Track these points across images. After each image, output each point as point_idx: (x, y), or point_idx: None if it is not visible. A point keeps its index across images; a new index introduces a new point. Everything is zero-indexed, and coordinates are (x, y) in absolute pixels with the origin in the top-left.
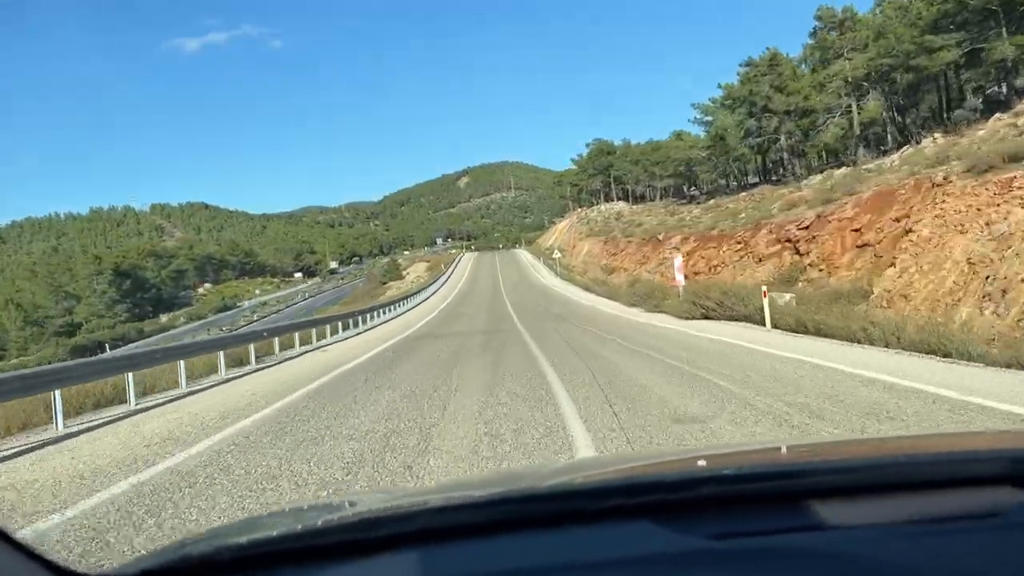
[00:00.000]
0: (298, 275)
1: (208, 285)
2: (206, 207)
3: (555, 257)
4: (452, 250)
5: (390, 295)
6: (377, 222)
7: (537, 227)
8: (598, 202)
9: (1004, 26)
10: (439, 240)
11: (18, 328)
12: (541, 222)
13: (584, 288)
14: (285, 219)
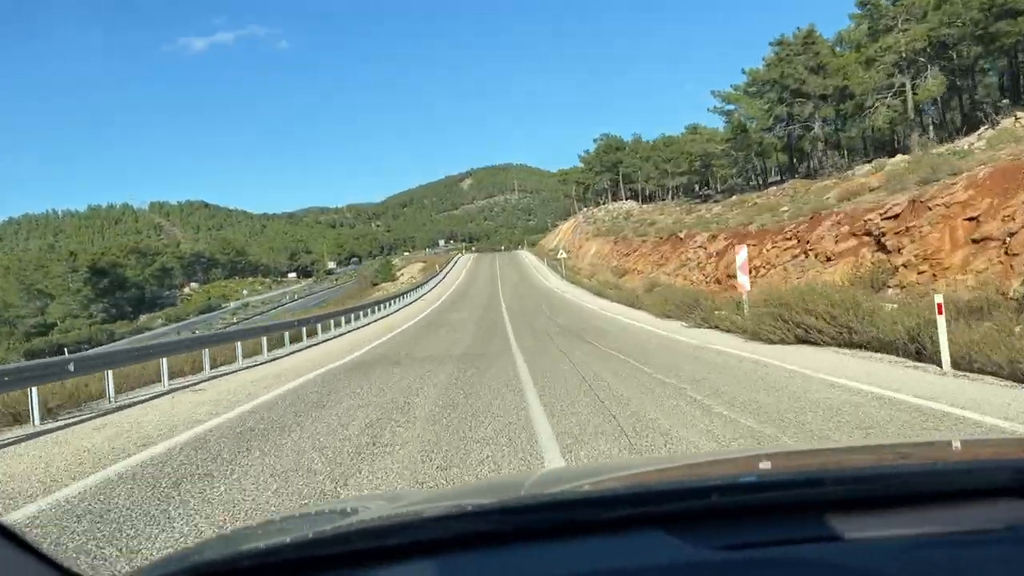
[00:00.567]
0: (292, 275)
1: (194, 285)
2: (206, 206)
3: (560, 257)
4: (453, 252)
5: (375, 297)
6: (379, 223)
7: (540, 230)
8: (605, 201)
9: None
10: (441, 242)
11: None
12: (545, 225)
13: (595, 293)
14: (285, 219)
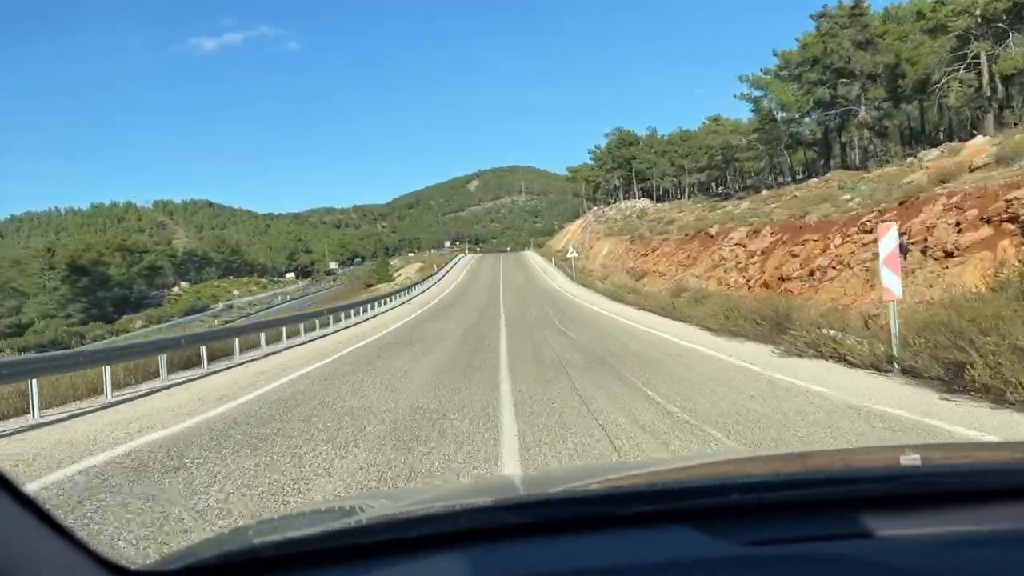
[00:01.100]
0: (290, 275)
1: (184, 284)
2: (210, 205)
3: (570, 256)
4: (456, 253)
5: (354, 300)
6: (384, 224)
7: (547, 232)
8: (616, 200)
9: None
10: (447, 243)
11: None
12: (551, 227)
13: (611, 297)
14: (290, 219)
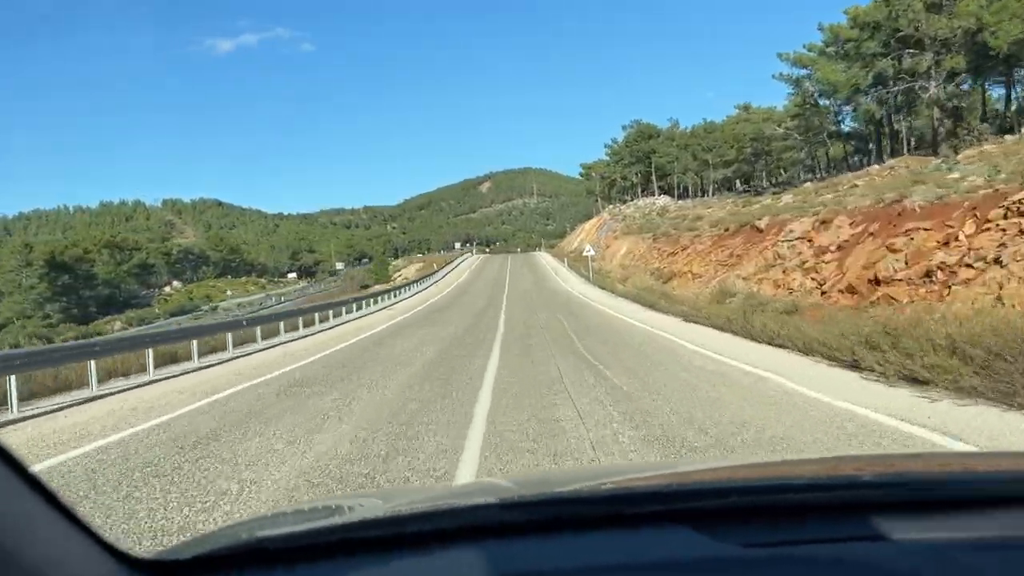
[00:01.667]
0: (292, 275)
1: (177, 284)
2: (219, 204)
3: (587, 255)
4: (464, 254)
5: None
6: (394, 225)
7: (559, 234)
8: (634, 197)
9: None
10: (457, 245)
11: None
12: (563, 229)
13: (642, 304)
14: (300, 219)
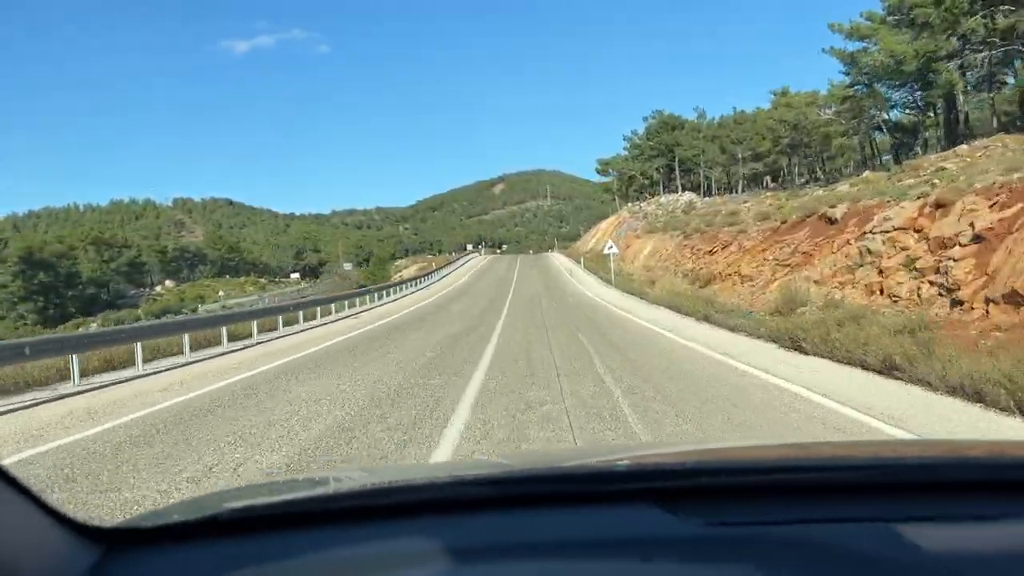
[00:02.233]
0: (295, 275)
1: (169, 283)
2: (230, 204)
3: (608, 253)
4: (472, 254)
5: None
6: (407, 226)
7: (573, 237)
8: (656, 194)
9: None
10: (469, 246)
11: None
12: (577, 232)
13: (682, 313)
14: (312, 220)
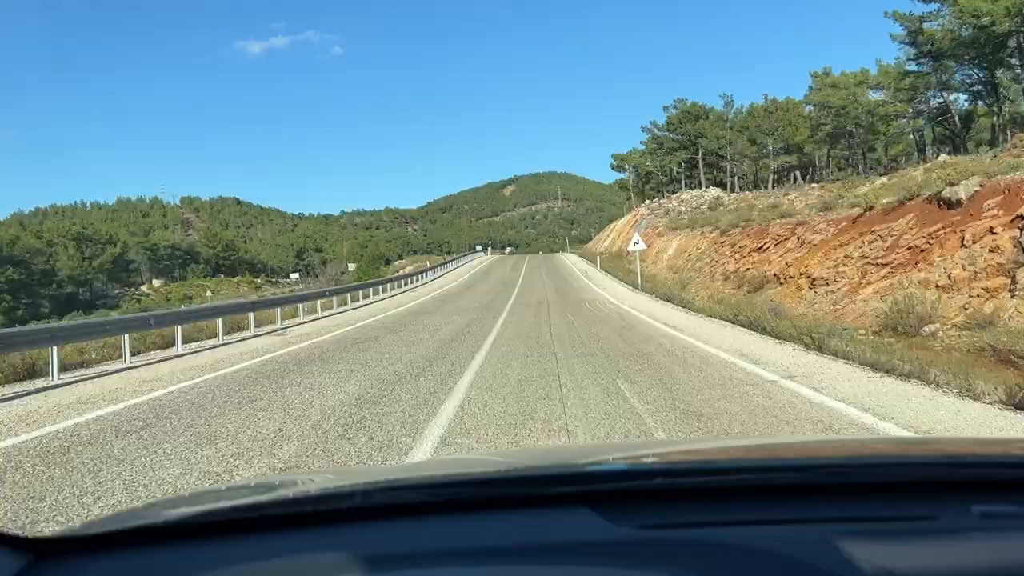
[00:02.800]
0: (294, 276)
1: (156, 282)
2: (238, 203)
3: (633, 249)
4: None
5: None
6: (416, 227)
7: (584, 239)
8: (676, 190)
9: None
10: (478, 247)
11: None
12: (588, 235)
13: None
14: (321, 220)
